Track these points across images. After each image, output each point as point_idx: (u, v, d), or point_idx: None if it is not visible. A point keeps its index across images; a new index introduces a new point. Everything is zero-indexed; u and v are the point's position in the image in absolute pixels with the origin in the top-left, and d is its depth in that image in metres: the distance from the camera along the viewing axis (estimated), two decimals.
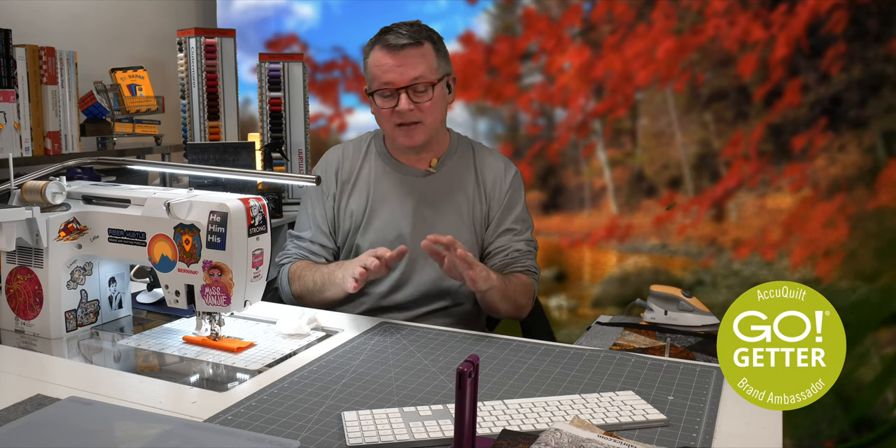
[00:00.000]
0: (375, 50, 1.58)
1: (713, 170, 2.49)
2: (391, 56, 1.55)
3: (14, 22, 2.19)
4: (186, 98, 2.77)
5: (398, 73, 1.54)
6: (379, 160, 1.69)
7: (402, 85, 1.54)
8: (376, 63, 1.57)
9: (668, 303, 1.68)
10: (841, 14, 2.31)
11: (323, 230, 1.68)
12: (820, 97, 2.35)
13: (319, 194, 1.69)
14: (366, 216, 1.65)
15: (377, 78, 1.57)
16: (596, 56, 2.58)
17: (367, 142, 1.73)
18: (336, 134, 2.96)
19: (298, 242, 1.69)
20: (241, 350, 1.24)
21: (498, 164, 1.70)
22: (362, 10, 2.85)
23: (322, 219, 1.68)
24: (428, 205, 1.64)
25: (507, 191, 1.68)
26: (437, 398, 1.05)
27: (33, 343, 1.27)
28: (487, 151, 1.74)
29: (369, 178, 1.67)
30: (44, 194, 1.25)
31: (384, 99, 1.57)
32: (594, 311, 2.61)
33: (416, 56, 1.55)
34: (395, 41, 1.55)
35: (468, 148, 1.72)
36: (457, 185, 1.67)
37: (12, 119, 2.09)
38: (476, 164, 1.70)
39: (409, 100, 1.55)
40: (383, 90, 1.56)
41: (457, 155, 1.69)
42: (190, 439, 0.86)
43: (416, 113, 1.56)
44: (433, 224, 1.63)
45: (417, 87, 1.55)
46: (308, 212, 1.69)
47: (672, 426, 0.96)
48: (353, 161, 1.70)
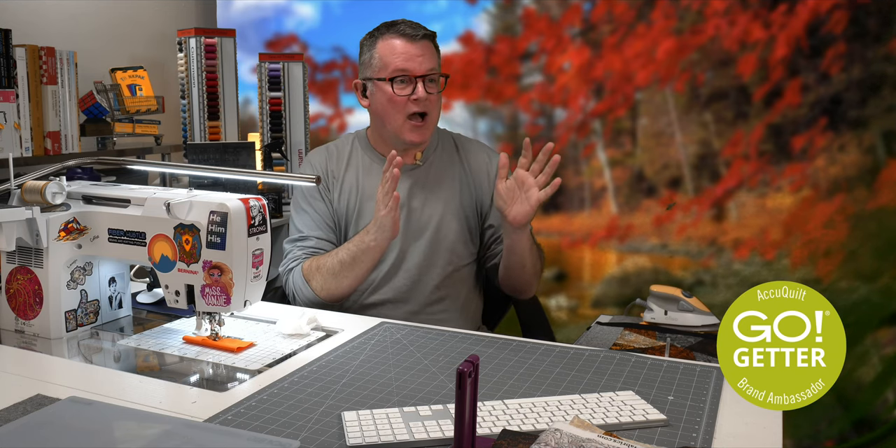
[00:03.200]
0: (389, 38, 1.59)
1: (713, 170, 2.49)
2: (410, 45, 1.58)
3: (14, 22, 2.19)
4: (186, 98, 2.77)
5: (417, 62, 1.57)
6: (365, 156, 1.70)
7: (420, 73, 1.57)
8: (392, 50, 1.58)
9: (668, 303, 1.68)
10: (841, 14, 2.31)
11: (330, 227, 1.66)
12: (820, 97, 2.35)
13: (317, 193, 1.68)
14: (356, 211, 1.66)
15: (392, 64, 1.58)
16: (596, 56, 2.58)
17: (349, 142, 1.74)
18: (336, 134, 2.96)
19: (303, 244, 1.65)
20: (241, 350, 1.24)
21: (482, 151, 1.75)
22: (362, 10, 2.84)
23: (326, 215, 1.67)
24: (416, 197, 1.66)
25: (496, 176, 1.69)
26: (437, 398, 1.05)
27: (33, 343, 1.27)
28: (469, 141, 1.77)
29: (357, 175, 1.68)
30: (44, 194, 1.25)
31: (401, 85, 1.58)
32: (594, 311, 2.61)
33: (430, 49, 1.60)
34: (412, 32, 1.58)
35: (450, 140, 1.75)
36: (443, 175, 1.69)
37: (12, 119, 2.09)
38: (461, 155, 1.73)
39: (425, 89, 1.58)
40: (402, 77, 1.58)
41: (440, 148, 1.72)
42: (190, 439, 0.85)
43: (429, 104, 1.59)
44: (421, 215, 1.66)
45: (431, 77, 1.59)
46: (308, 213, 1.68)
47: (672, 426, 0.96)
48: (339, 160, 1.70)
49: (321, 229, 1.65)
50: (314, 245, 1.64)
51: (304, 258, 1.63)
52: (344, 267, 1.54)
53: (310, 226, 1.66)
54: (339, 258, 1.55)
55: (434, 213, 1.66)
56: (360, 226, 1.65)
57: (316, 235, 1.65)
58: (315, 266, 1.58)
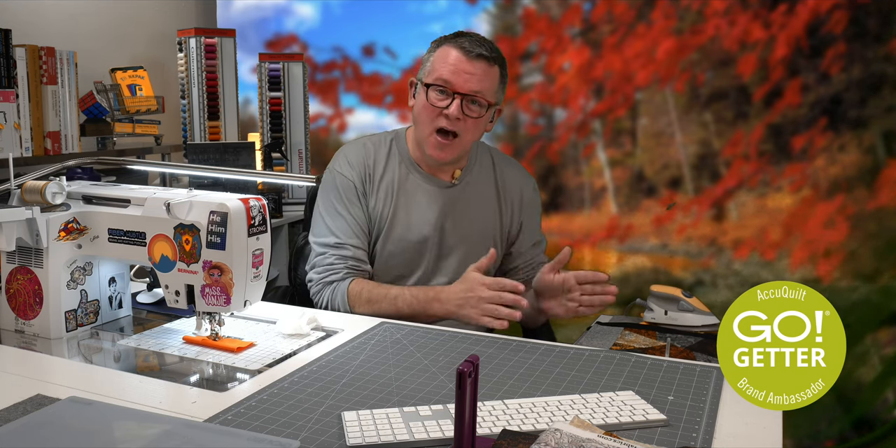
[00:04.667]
0: (448, 47, 1.52)
1: (713, 170, 2.49)
2: (465, 60, 1.49)
3: (14, 22, 2.19)
4: (186, 98, 2.77)
5: (464, 79, 1.49)
6: (402, 166, 1.62)
7: (462, 91, 1.49)
8: (445, 59, 1.51)
9: (668, 303, 1.68)
10: (841, 14, 2.31)
11: (366, 233, 1.60)
12: (820, 97, 2.35)
13: (353, 193, 1.60)
14: (388, 222, 1.60)
15: (439, 72, 1.50)
16: (596, 56, 2.58)
17: (387, 143, 1.65)
18: (336, 134, 2.96)
19: (340, 253, 1.57)
20: (241, 350, 1.24)
21: (519, 177, 1.70)
22: (362, 10, 2.84)
23: (363, 222, 1.60)
24: (448, 217, 1.62)
25: (529, 203, 1.68)
26: (437, 398, 1.05)
27: (33, 343, 1.27)
28: (506, 162, 1.72)
29: (392, 182, 1.61)
30: (44, 194, 1.25)
31: (438, 95, 1.51)
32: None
33: (486, 71, 1.51)
34: (474, 49, 1.50)
35: (487, 157, 1.69)
36: (479, 197, 1.65)
37: (12, 119, 2.09)
38: (497, 177, 1.68)
39: (460, 108, 1.50)
40: (442, 87, 1.50)
41: (477, 166, 1.67)
42: (190, 439, 0.85)
43: (460, 124, 1.51)
44: (452, 236, 1.62)
45: (475, 99, 1.51)
46: (344, 217, 1.59)
47: (672, 426, 0.96)
48: (377, 161, 1.62)
49: (358, 237, 1.58)
50: (353, 255, 1.57)
51: (346, 272, 1.56)
52: (398, 316, 1.47)
53: (346, 232, 1.58)
54: (398, 307, 1.48)
55: (466, 234, 1.62)
56: (390, 239, 1.60)
57: (353, 243, 1.58)
58: (365, 298, 1.51)
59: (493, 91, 1.53)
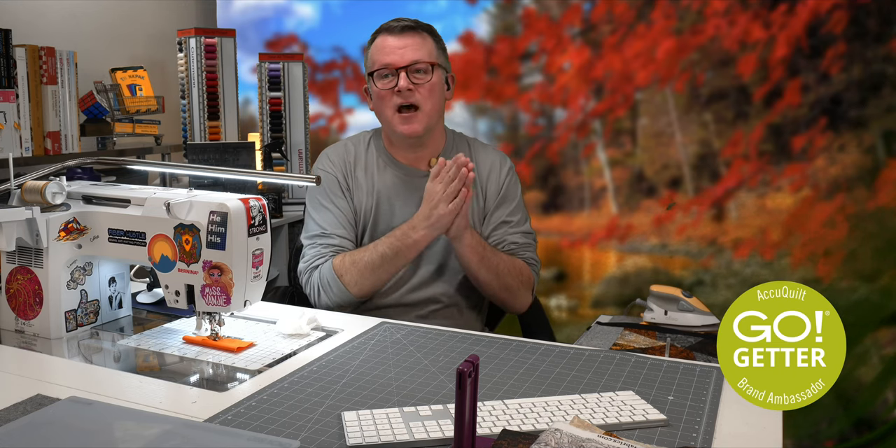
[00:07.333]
0: (379, 37, 1.61)
1: (713, 170, 2.49)
2: (393, 38, 1.58)
3: (14, 22, 2.19)
4: (186, 98, 2.77)
5: (398, 55, 1.57)
6: (379, 159, 1.68)
7: (401, 65, 1.56)
8: (378, 47, 1.60)
9: (668, 303, 1.68)
10: (841, 14, 2.31)
11: (352, 225, 1.64)
12: (820, 97, 2.35)
13: (337, 186, 1.65)
14: (373, 213, 1.65)
15: (378, 60, 1.59)
16: (596, 56, 2.58)
17: (365, 140, 1.72)
18: (336, 134, 2.96)
19: (326, 241, 1.62)
20: (241, 350, 1.24)
21: (493, 159, 1.72)
22: (362, 10, 2.85)
23: (349, 214, 1.64)
24: None
25: (503, 184, 1.69)
26: (437, 398, 1.05)
27: (33, 343, 1.27)
28: (482, 146, 1.75)
29: (373, 176, 1.67)
30: (44, 194, 1.25)
31: (384, 80, 1.58)
32: (594, 311, 2.61)
33: (416, 40, 1.59)
34: (396, 24, 1.59)
35: (464, 144, 1.73)
36: None
37: (12, 119, 2.09)
38: (472, 159, 1.70)
39: (409, 80, 1.56)
40: (382, 70, 1.58)
41: (453, 153, 1.69)
42: (190, 439, 0.86)
43: (415, 95, 1.57)
44: None
45: (417, 67, 1.57)
46: (330, 210, 1.64)
47: (672, 426, 0.96)
48: (357, 157, 1.68)
49: (344, 227, 1.63)
50: (339, 243, 1.61)
51: (330, 255, 1.60)
52: (385, 261, 1.52)
53: (332, 223, 1.63)
54: (380, 252, 1.53)
55: None
56: (379, 229, 1.63)
57: (339, 233, 1.62)
58: (349, 261, 1.55)
59: (433, 54, 1.61)
